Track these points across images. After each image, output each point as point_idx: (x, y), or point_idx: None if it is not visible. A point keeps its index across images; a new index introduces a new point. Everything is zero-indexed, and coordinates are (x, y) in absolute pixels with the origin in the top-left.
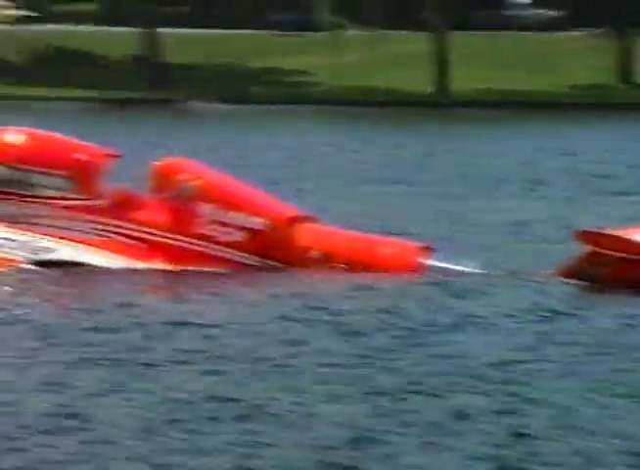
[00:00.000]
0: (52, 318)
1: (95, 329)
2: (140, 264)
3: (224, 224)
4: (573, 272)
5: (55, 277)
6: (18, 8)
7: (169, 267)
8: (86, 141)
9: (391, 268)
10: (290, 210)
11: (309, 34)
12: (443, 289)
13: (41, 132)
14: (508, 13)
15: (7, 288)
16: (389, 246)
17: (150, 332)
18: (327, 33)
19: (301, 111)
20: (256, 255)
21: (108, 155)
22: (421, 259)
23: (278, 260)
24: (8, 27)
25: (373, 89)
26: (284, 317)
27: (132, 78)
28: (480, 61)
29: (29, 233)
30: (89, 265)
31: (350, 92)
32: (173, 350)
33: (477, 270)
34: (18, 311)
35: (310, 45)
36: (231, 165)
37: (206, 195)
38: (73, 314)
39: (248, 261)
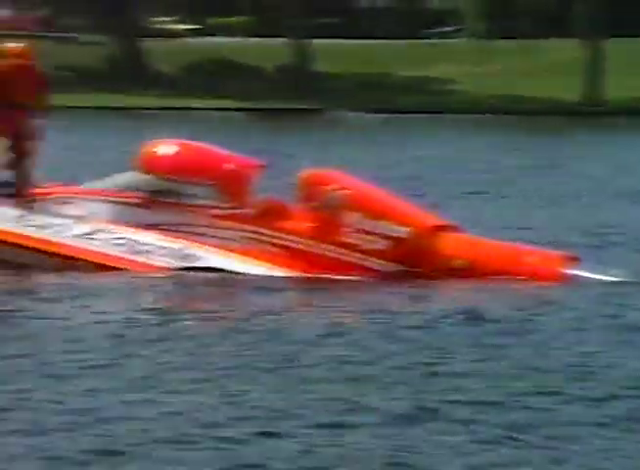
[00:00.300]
0: (201, 325)
1: (244, 336)
2: (284, 272)
3: (369, 233)
4: None
5: (202, 284)
6: (180, 22)
7: (315, 275)
8: (237, 151)
9: (536, 278)
10: (434, 219)
11: (457, 43)
12: (589, 299)
13: (192, 143)
14: None
15: (157, 294)
16: (534, 255)
17: (298, 339)
18: (474, 41)
19: (446, 119)
20: (400, 263)
21: (255, 165)
22: (566, 269)
23: (422, 269)
24: (168, 41)
25: (519, 98)
26: (428, 325)
27: (282, 89)
28: (638, 68)
29: (178, 240)
30: (235, 272)
31: (496, 100)
32: (322, 357)
33: (623, 280)
34: (167, 318)
35: (458, 54)
36: (377, 175)
37: (353, 204)
38: (222, 322)
39: (391, 270)
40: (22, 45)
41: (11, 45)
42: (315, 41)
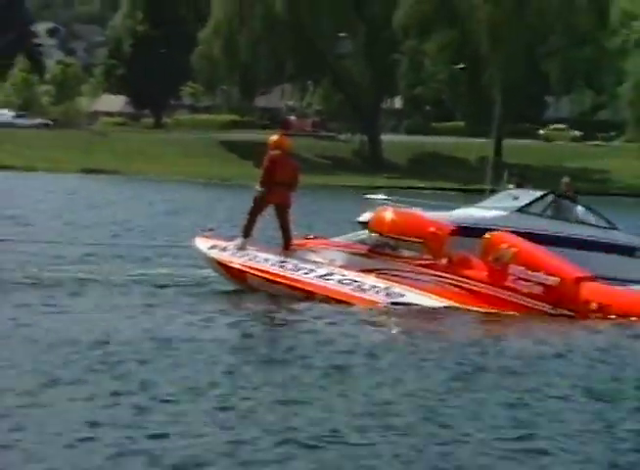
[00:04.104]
0: (406, 351)
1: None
2: (465, 307)
3: (527, 280)
4: None
5: (405, 315)
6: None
7: (487, 310)
8: (437, 218)
9: None
10: (577, 271)
11: (620, 143)
12: None
13: (406, 210)
14: None
15: (372, 324)
16: None
17: (502, 365)
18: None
19: (600, 201)
20: (550, 304)
21: (451, 229)
22: None
23: (567, 310)
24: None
25: None
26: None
27: (481, 176)
28: None
29: (388, 282)
30: (428, 307)
31: None
32: (543, 381)
33: None
34: (381, 344)
35: (622, 151)
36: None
37: (517, 259)
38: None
39: (543, 309)
40: (283, 138)
41: (275, 137)
42: (510, 141)
